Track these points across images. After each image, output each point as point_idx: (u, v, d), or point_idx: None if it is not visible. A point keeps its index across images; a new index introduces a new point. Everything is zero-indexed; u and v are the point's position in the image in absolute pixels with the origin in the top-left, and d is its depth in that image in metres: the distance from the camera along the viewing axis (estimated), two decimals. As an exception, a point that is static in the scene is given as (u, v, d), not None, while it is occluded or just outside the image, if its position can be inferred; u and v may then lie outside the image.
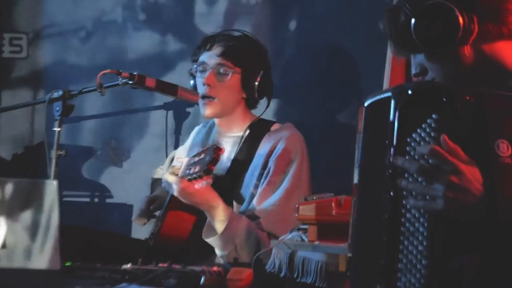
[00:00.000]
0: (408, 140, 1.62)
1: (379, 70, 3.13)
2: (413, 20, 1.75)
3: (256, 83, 2.91)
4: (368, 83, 3.41)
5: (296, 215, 2.28)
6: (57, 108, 2.75)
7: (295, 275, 2.20)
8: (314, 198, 2.29)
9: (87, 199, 4.01)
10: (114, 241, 2.76)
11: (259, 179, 2.82)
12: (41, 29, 4.00)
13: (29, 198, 1.82)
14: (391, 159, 1.64)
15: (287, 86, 3.50)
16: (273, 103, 3.00)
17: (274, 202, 2.77)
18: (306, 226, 2.27)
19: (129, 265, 2.19)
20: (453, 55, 1.77)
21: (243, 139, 2.93)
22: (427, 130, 1.61)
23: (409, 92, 1.64)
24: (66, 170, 3.07)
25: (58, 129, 2.73)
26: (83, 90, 2.82)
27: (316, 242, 2.21)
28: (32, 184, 1.85)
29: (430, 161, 1.59)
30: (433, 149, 1.58)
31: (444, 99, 1.60)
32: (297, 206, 2.27)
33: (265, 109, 2.97)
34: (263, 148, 2.87)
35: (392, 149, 1.64)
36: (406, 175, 1.62)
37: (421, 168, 1.59)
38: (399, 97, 1.66)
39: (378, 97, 1.73)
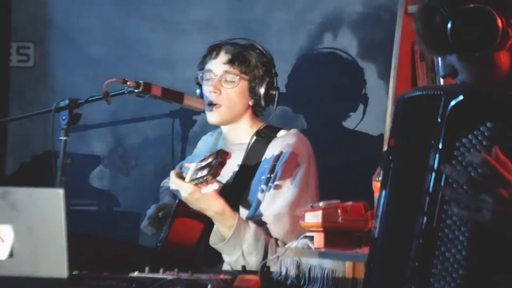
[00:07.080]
0: (457, 144, 1.57)
1: (385, 77, 3.13)
2: (450, 22, 1.71)
3: (263, 91, 2.92)
4: (374, 90, 3.41)
5: (302, 222, 2.28)
6: (64, 117, 2.76)
7: (302, 283, 2.21)
8: (320, 205, 2.29)
9: (95, 208, 4.01)
10: (121, 249, 2.76)
11: (266, 183, 2.81)
12: (48, 38, 4.00)
13: (36, 207, 1.83)
14: (435, 162, 1.59)
15: (294, 93, 3.50)
16: (280, 110, 3.00)
17: (282, 208, 2.76)
18: (312, 234, 2.27)
19: (136, 273, 2.19)
20: (487, 59, 1.73)
21: (249, 146, 2.94)
22: (479, 137, 1.55)
23: (462, 94, 1.59)
24: (73, 179, 3.07)
25: (65, 138, 2.74)
26: (90, 99, 2.83)
27: (323, 249, 2.21)
28: (39, 193, 1.85)
29: (478, 170, 1.54)
30: (485, 159, 1.52)
31: (502, 109, 1.56)
32: (302, 213, 2.28)
33: (272, 116, 2.97)
34: (270, 154, 2.87)
35: (437, 151, 1.59)
36: (450, 180, 1.56)
37: (470, 179, 1.53)
38: (451, 97, 1.60)
39: (423, 92, 1.69)
